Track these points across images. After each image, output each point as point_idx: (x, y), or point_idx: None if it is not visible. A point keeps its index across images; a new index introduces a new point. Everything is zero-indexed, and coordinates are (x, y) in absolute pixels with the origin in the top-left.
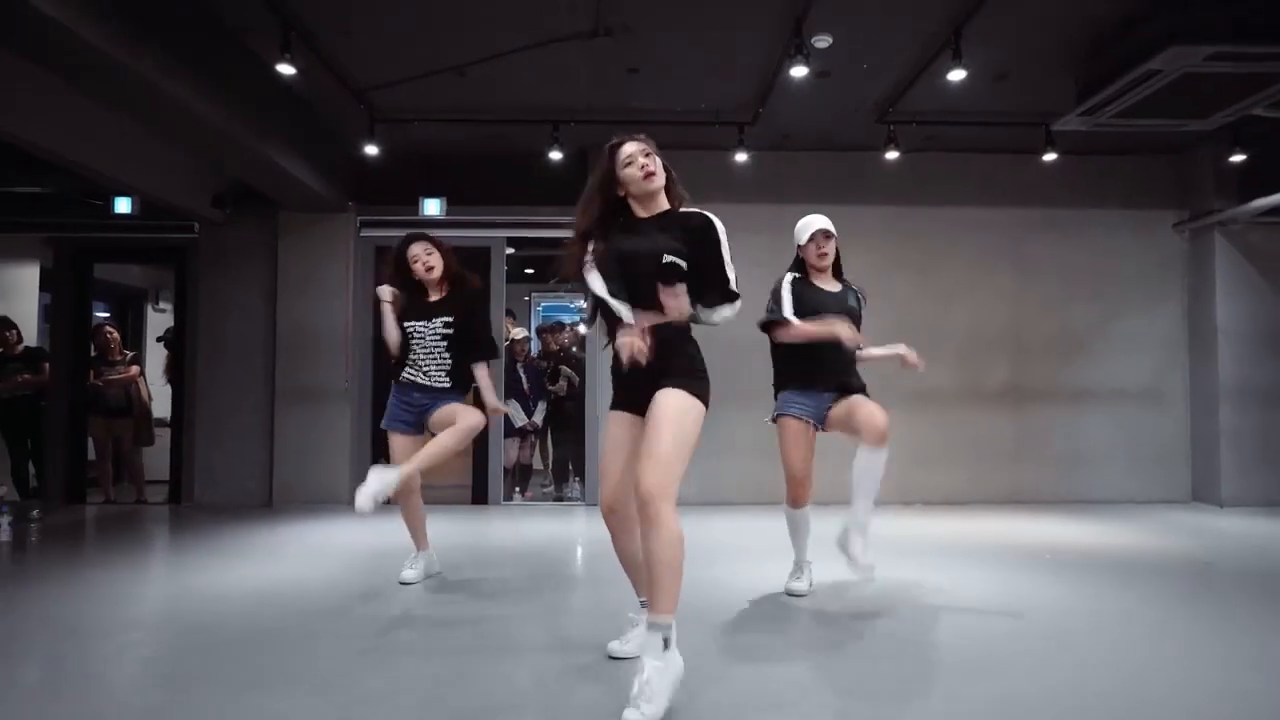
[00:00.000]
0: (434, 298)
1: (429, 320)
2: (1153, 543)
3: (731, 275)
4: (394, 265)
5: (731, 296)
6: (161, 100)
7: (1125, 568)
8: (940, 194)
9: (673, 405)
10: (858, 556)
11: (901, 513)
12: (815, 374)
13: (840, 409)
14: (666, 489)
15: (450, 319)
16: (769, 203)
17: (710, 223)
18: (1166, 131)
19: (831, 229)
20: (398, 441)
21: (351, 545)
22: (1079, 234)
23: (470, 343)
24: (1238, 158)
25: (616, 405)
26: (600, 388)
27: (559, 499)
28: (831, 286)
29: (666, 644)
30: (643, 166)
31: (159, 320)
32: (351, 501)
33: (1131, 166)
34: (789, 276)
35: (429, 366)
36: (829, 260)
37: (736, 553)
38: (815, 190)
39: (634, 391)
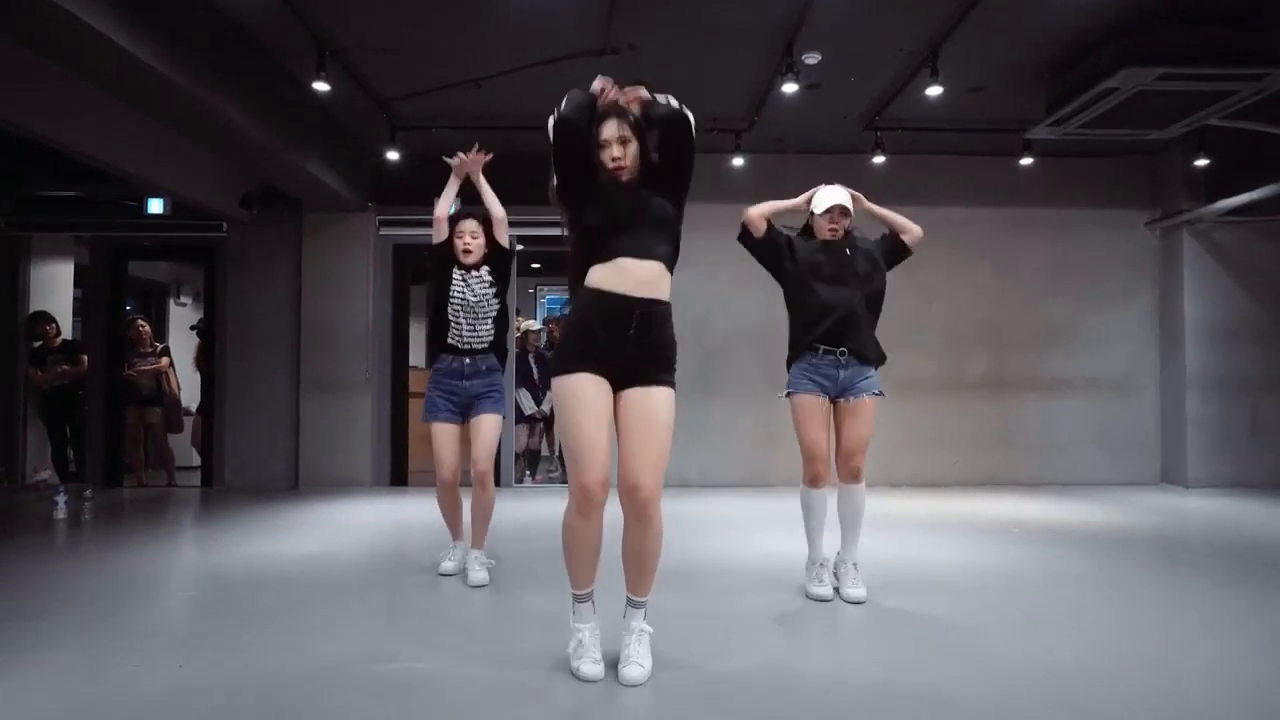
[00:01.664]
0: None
1: (472, 270)
2: (1120, 520)
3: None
4: (440, 234)
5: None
6: (206, 114)
7: (1093, 542)
8: (924, 195)
9: (666, 407)
10: (854, 594)
11: (889, 494)
12: (821, 332)
13: (845, 411)
14: (660, 490)
15: (489, 268)
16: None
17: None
18: (1130, 139)
19: (850, 206)
20: (442, 431)
21: (375, 522)
22: (1055, 233)
23: (507, 279)
24: (1202, 162)
25: (584, 368)
26: None
27: (565, 482)
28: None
29: (645, 614)
30: (614, 160)
31: (180, 314)
32: (373, 484)
33: (1105, 168)
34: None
35: (475, 324)
36: (838, 236)
37: (723, 526)
38: (807, 191)
39: (613, 360)
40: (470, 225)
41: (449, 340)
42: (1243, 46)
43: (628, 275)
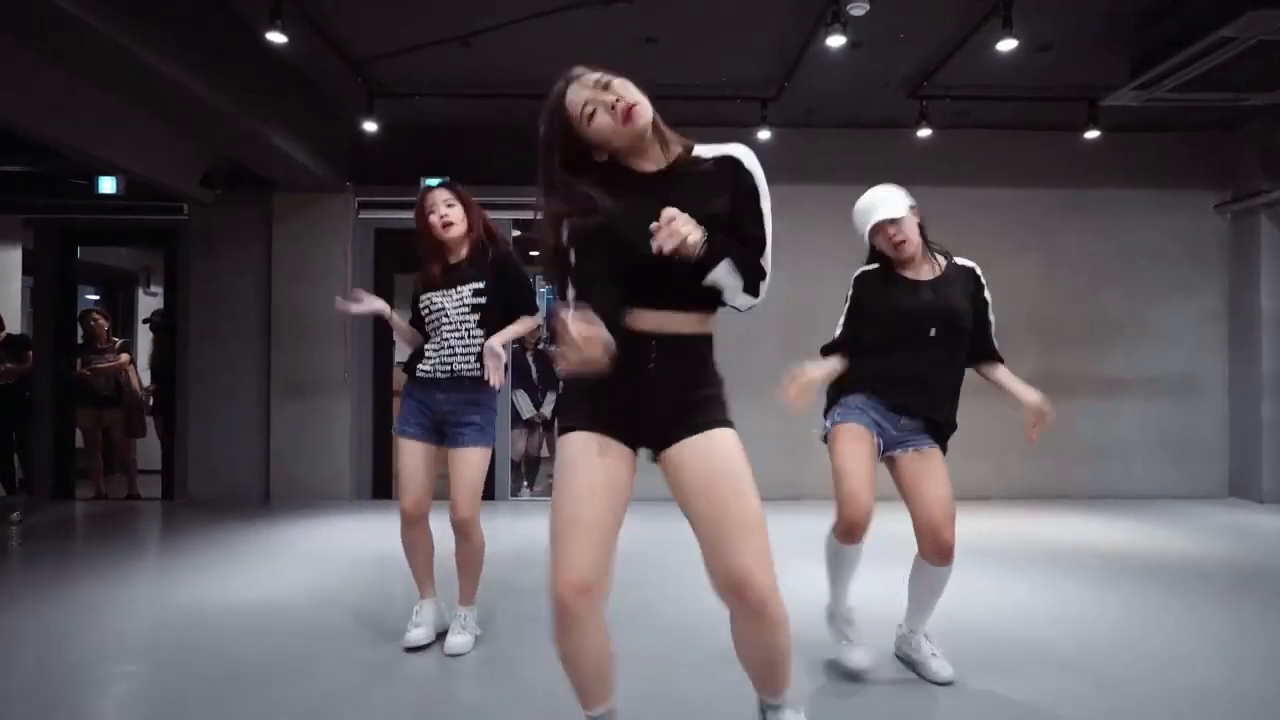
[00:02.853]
0: (454, 261)
1: (452, 289)
2: (1191, 543)
3: (768, 240)
4: (417, 222)
5: (762, 274)
6: (142, 71)
7: (1160, 570)
8: (968, 173)
9: (737, 456)
10: (938, 670)
11: None
12: (897, 382)
13: (911, 465)
14: (775, 577)
15: (480, 285)
16: (791, 183)
17: (740, 163)
18: (1222, 106)
19: (896, 213)
20: (408, 450)
21: (352, 549)
22: (1113, 216)
23: (506, 312)
24: None
25: (588, 426)
26: None
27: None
28: (923, 274)
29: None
30: (613, 105)
31: (150, 304)
32: (352, 497)
33: (1169, 144)
34: (862, 271)
35: (455, 349)
36: (911, 249)
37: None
38: (839, 170)
39: (632, 417)
40: (439, 195)
41: (422, 371)
42: None
43: (637, 322)
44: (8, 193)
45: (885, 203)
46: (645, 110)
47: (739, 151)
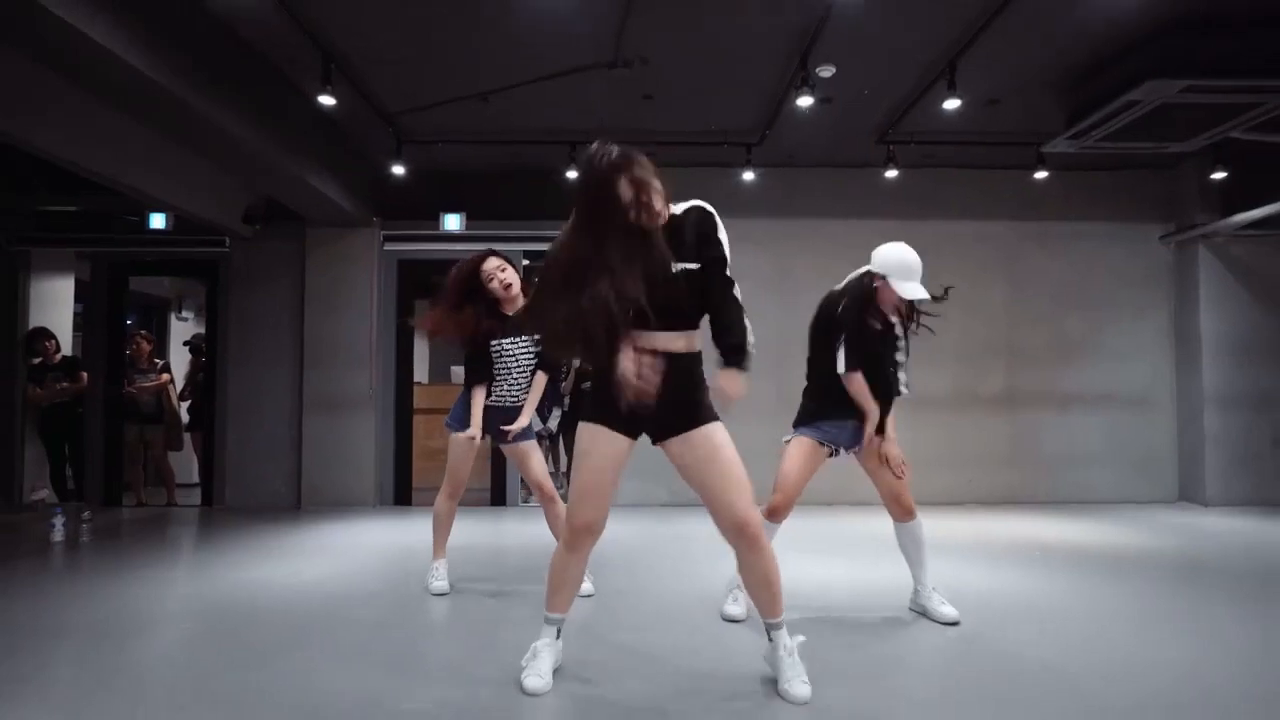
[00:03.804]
0: (512, 312)
1: (520, 336)
2: (1140, 541)
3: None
4: (461, 283)
5: (744, 331)
6: (205, 125)
7: (1114, 564)
8: (937, 209)
9: (726, 440)
10: (944, 613)
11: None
12: (852, 407)
13: (867, 457)
14: (759, 515)
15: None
16: (774, 218)
17: (708, 214)
18: (1150, 152)
19: (928, 298)
20: (459, 441)
21: (374, 545)
22: (1070, 246)
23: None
24: (1219, 175)
25: (604, 421)
26: None
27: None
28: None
29: (787, 635)
30: (654, 208)
31: (181, 329)
32: (376, 503)
33: (1120, 182)
34: (856, 306)
35: (519, 382)
36: (900, 317)
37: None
38: (818, 206)
39: (641, 417)
40: (494, 263)
41: (494, 400)
42: (1270, 57)
43: (650, 340)
44: (64, 228)
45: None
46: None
47: (701, 204)
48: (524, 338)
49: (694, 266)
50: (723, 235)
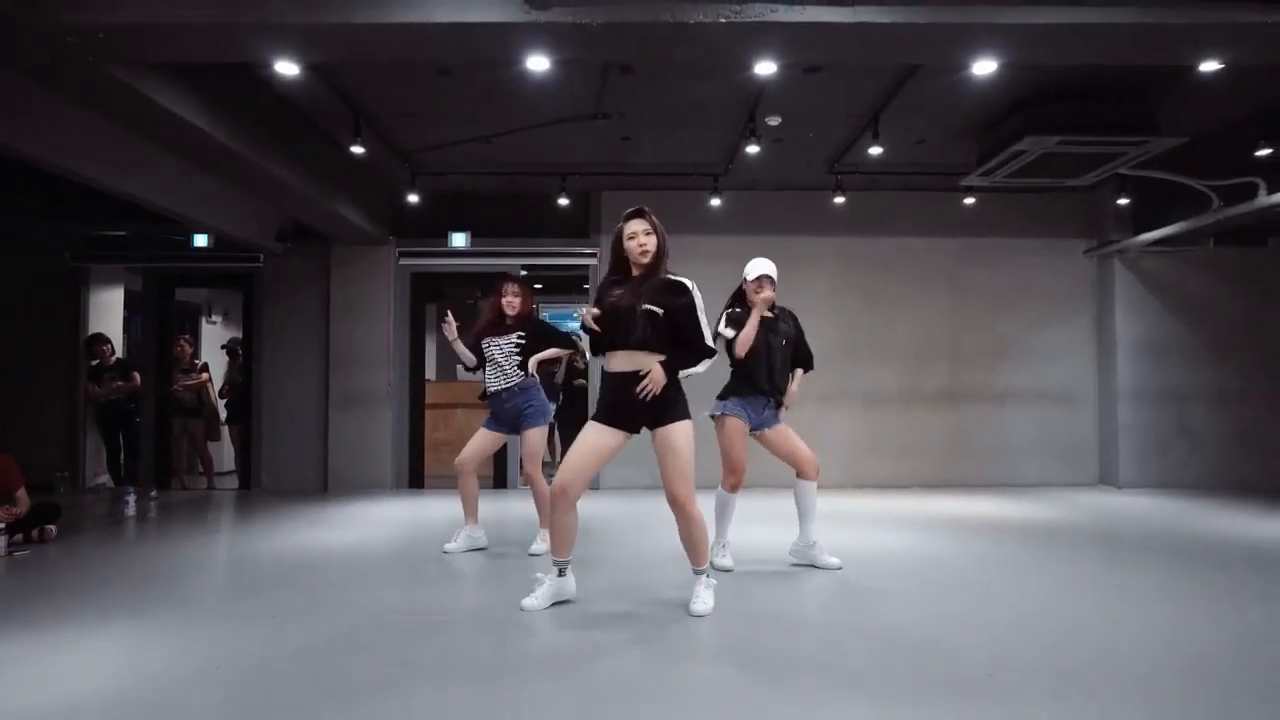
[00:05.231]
0: (509, 323)
1: (505, 336)
2: (1059, 515)
3: (707, 334)
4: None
5: (707, 353)
6: (259, 172)
7: (1031, 534)
8: (884, 227)
9: (683, 436)
10: (828, 561)
11: (853, 494)
12: (756, 383)
13: (777, 437)
14: (692, 495)
15: (522, 335)
16: (739, 235)
17: (685, 286)
18: (1052, 187)
19: (774, 275)
20: (478, 434)
21: (391, 519)
22: (1003, 260)
23: (536, 349)
24: (1123, 200)
25: (600, 419)
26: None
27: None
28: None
29: (708, 576)
30: (641, 246)
31: (211, 332)
32: (393, 487)
33: (1046, 204)
34: (728, 311)
35: (507, 370)
36: (765, 295)
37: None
38: (779, 224)
39: (627, 416)
40: (510, 287)
41: (491, 387)
42: (1127, 117)
43: (621, 361)
44: (119, 248)
45: (768, 266)
46: (651, 255)
47: (686, 280)
48: (512, 335)
49: (660, 311)
50: (701, 314)
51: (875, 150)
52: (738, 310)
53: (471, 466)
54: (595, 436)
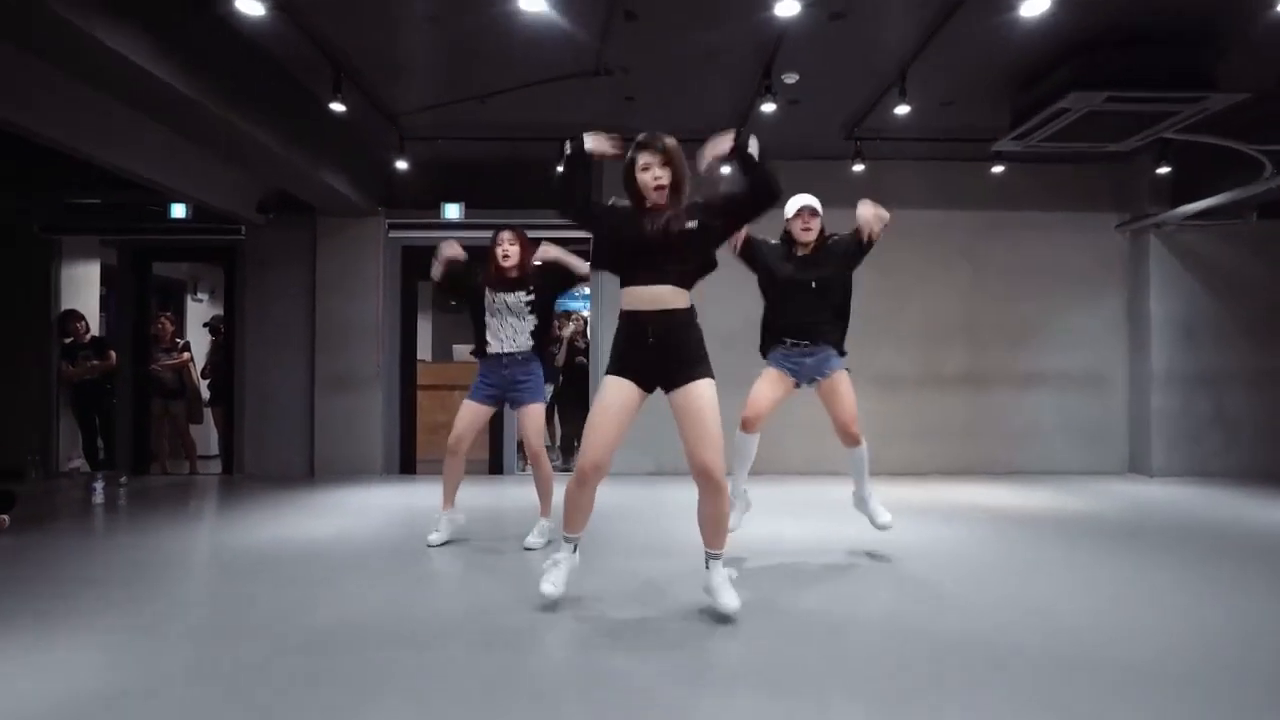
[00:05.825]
0: (512, 276)
1: (512, 291)
2: (1090, 506)
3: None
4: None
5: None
6: (230, 131)
7: (1062, 526)
8: (903, 198)
9: (709, 396)
10: (878, 516)
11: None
12: (782, 328)
13: (825, 390)
14: (723, 465)
15: (531, 290)
16: None
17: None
18: (1091, 152)
19: (818, 207)
20: (468, 408)
21: (380, 507)
22: (1029, 235)
23: (549, 299)
24: (1164, 170)
25: (618, 372)
26: (603, 365)
27: (565, 470)
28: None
29: (723, 562)
30: (656, 179)
31: (197, 309)
32: (382, 472)
33: (1077, 174)
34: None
35: (517, 329)
36: (812, 235)
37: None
38: (791, 195)
39: (645, 368)
40: (505, 234)
41: (491, 348)
42: (1184, 70)
43: (638, 298)
44: (92, 219)
45: (808, 199)
46: (666, 193)
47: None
48: (520, 291)
49: (692, 225)
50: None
51: (902, 109)
52: (781, 242)
53: (466, 446)
54: (616, 394)
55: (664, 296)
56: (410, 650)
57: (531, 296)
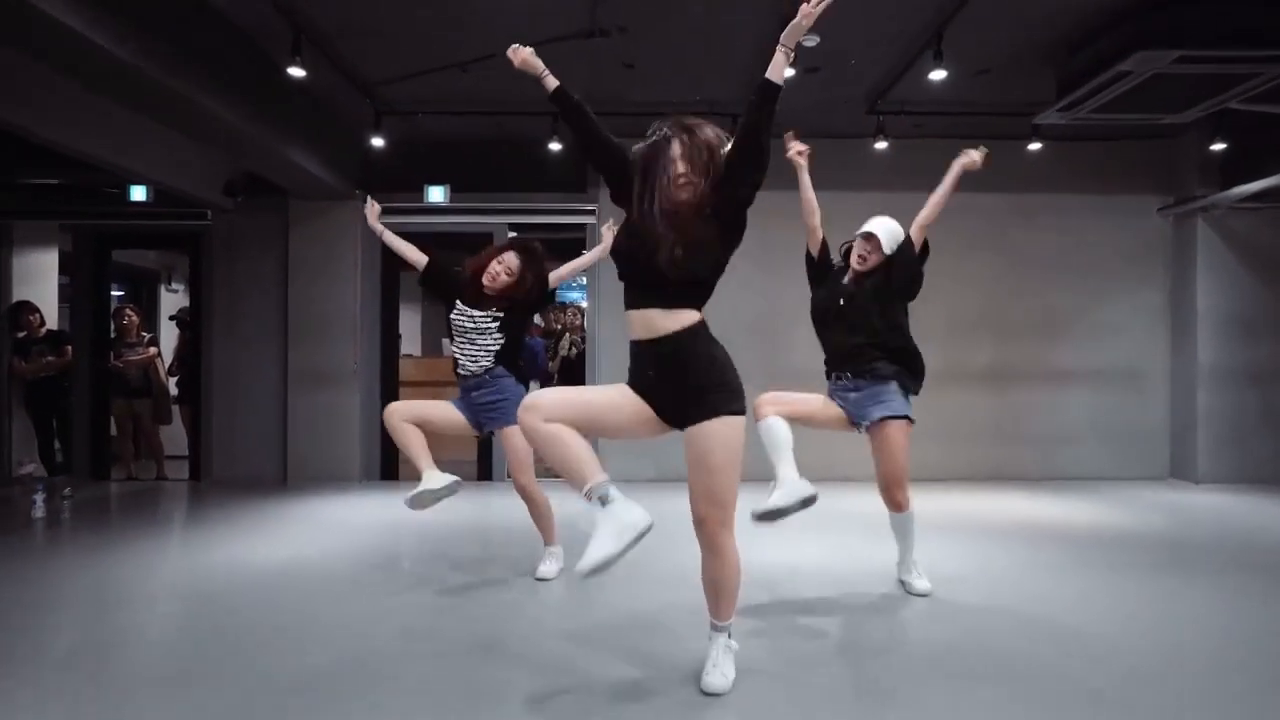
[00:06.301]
0: (488, 294)
1: (482, 308)
2: (1128, 520)
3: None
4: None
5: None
6: (173, 98)
7: (1103, 544)
8: (927, 180)
9: (721, 438)
10: (920, 587)
11: None
12: (827, 360)
13: (873, 440)
14: (728, 522)
15: (500, 311)
16: (763, 189)
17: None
18: (1145, 124)
19: (884, 237)
20: (441, 404)
21: (360, 521)
22: (1063, 220)
23: (519, 326)
24: (1219, 146)
25: (634, 384)
26: (600, 363)
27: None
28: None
29: (729, 634)
30: (683, 176)
31: (171, 300)
32: (362, 478)
33: (1116, 153)
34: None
35: (478, 349)
36: (868, 265)
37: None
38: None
39: (660, 394)
40: (513, 259)
41: (459, 369)
42: (1267, 26)
43: (632, 323)
44: (46, 201)
45: (875, 223)
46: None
47: None
48: (487, 312)
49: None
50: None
51: (937, 74)
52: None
53: (400, 418)
54: (623, 398)
55: (653, 322)
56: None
57: (501, 314)
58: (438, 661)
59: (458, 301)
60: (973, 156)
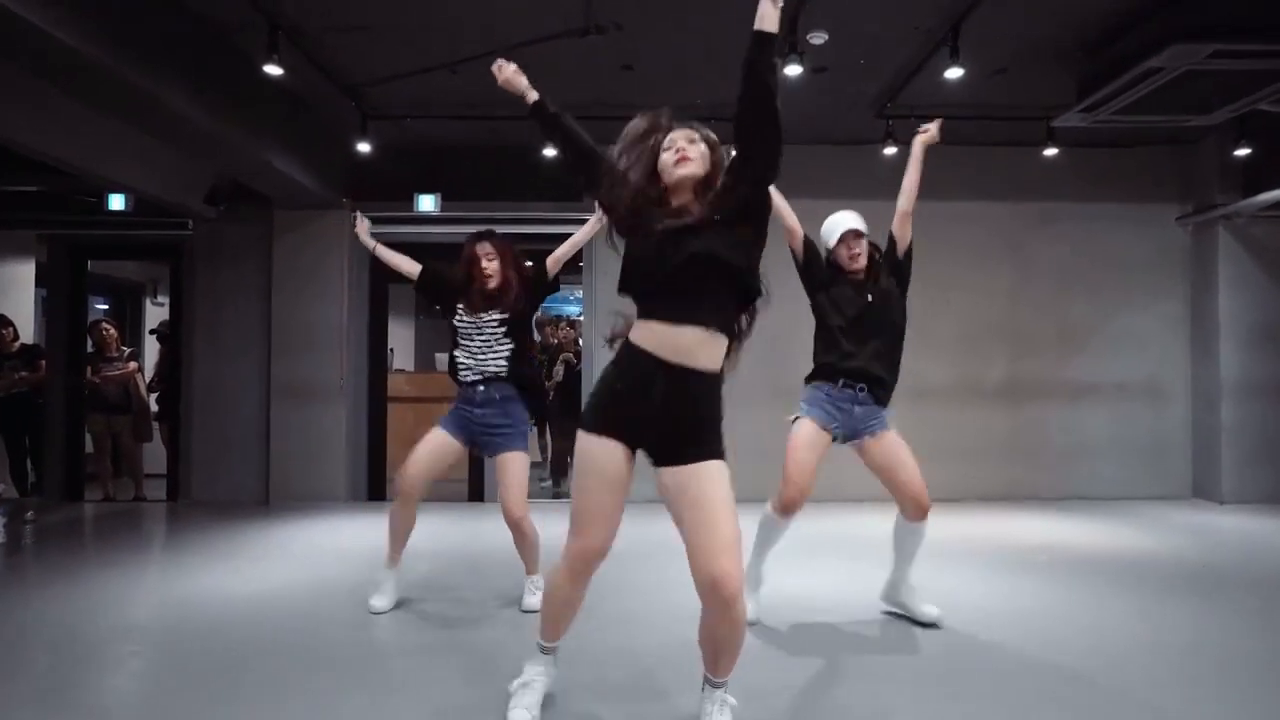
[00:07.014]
0: (491, 293)
1: (486, 310)
2: (1152, 543)
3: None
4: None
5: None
6: (150, 103)
7: (1125, 570)
8: (938, 188)
9: (723, 485)
10: (924, 611)
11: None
12: (837, 362)
13: (879, 451)
14: (739, 573)
15: (507, 310)
16: None
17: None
18: (1169, 126)
19: (862, 227)
20: (432, 437)
21: (347, 547)
22: (1078, 228)
23: (532, 312)
24: (1243, 151)
25: (603, 430)
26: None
27: (557, 495)
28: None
29: (726, 691)
30: (679, 151)
31: (157, 314)
32: (348, 499)
33: (1133, 160)
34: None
35: (488, 354)
36: (862, 262)
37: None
38: (812, 185)
39: (637, 424)
40: (487, 247)
41: (461, 375)
42: None
43: (658, 338)
44: (22, 210)
45: (851, 219)
46: (692, 167)
47: None
48: (493, 311)
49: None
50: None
51: (953, 73)
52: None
53: (420, 489)
54: (606, 461)
55: (691, 346)
56: None
57: (506, 314)
58: (421, 704)
59: (459, 308)
60: (931, 131)
